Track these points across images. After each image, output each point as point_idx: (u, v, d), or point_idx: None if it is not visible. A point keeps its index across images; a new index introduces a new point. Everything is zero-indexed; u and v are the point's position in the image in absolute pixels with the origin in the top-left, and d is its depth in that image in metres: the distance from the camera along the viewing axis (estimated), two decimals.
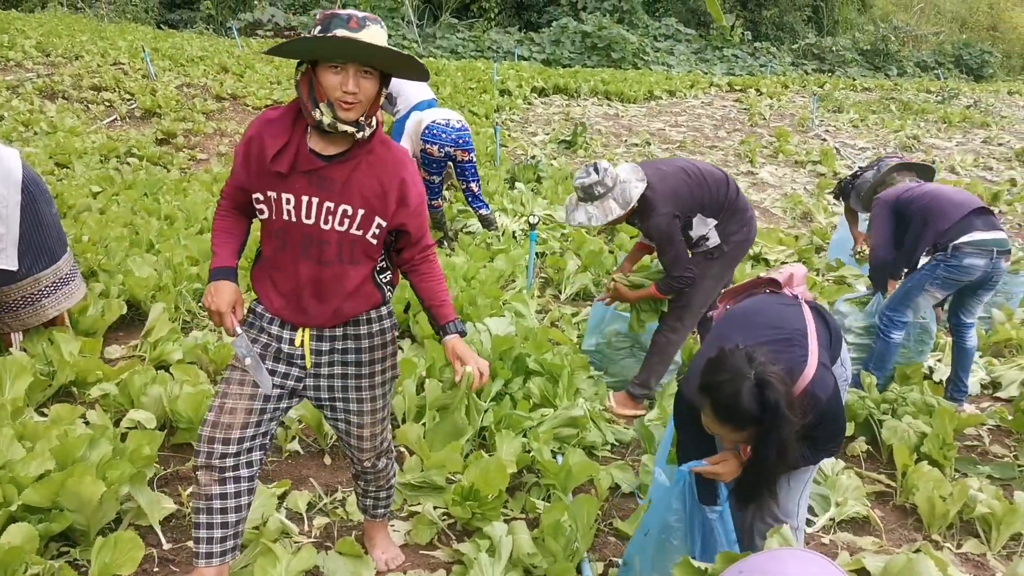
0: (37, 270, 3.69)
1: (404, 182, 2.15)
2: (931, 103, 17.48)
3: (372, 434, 2.45)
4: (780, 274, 2.58)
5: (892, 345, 4.30)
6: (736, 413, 2.05)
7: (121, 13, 21.54)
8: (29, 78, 10.86)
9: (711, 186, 3.85)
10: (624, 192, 3.74)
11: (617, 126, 13.32)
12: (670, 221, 3.71)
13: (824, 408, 2.18)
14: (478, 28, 24.34)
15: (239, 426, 2.21)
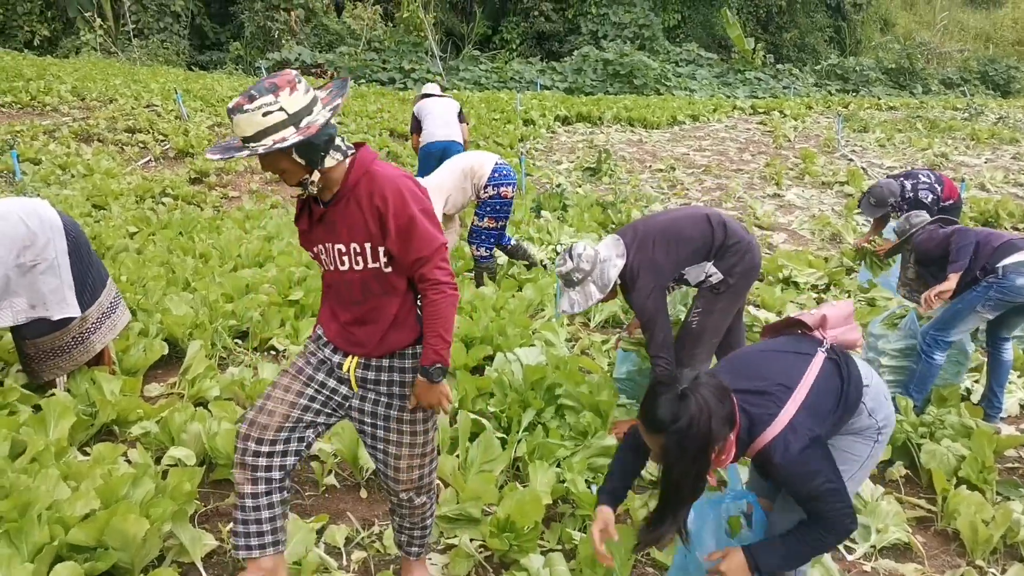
0: (84, 309, 3.82)
1: (378, 208, 2.22)
2: (958, 120, 17.35)
3: (409, 466, 2.48)
4: (812, 316, 2.52)
5: (935, 367, 4.25)
6: (649, 413, 2.11)
7: (153, 56, 22.05)
8: (65, 122, 11.15)
9: (693, 236, 3.79)
10: (603, 273, 3.73)
11: (641, 152, 13.37)
12: (652, 294, 3.70)
13: (778, 471, 2.17)
14: (500, 59, 24.60)
15: (274, 428, 2.34)
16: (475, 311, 5.27)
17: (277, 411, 2.36)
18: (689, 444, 2.05)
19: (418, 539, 2.72)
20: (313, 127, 2.10)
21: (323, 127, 2.13)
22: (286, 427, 2.35)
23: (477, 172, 6.01)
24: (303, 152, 2.15)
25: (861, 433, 2.42)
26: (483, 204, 6.04)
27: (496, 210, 6.05)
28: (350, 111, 14.14)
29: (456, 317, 4.93)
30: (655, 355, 3.74)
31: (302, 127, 2.10)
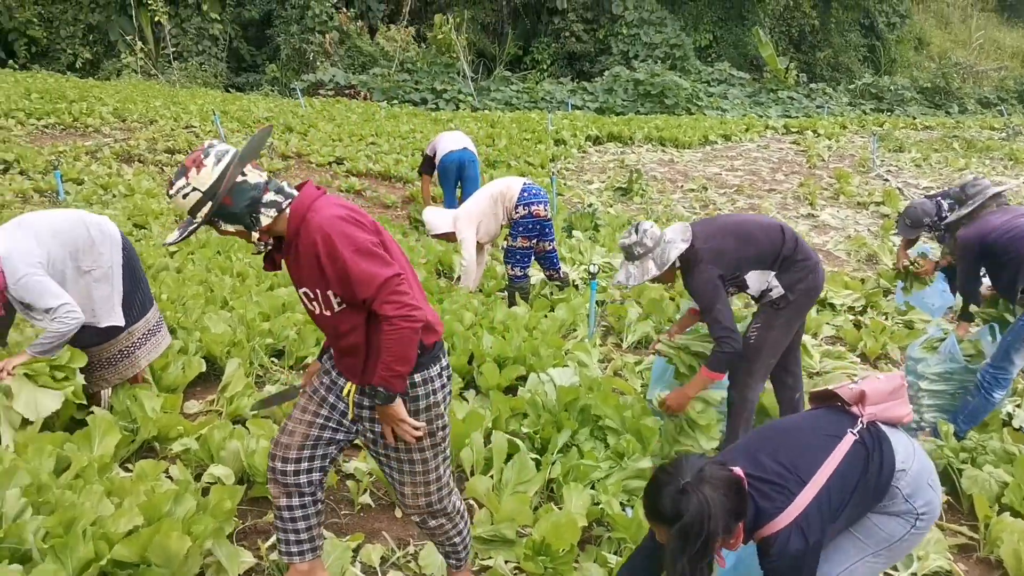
0: (131, 324, 3.91)
1: (316, 256, 2.28)
2: (995, 140, 17.12)
3: (414, 493, 2.56)
4: (850, 392, 2.40)
5: (991, 404, 4.14)
6: (651, 503, 2.14)
7: (192, 78, 22.49)
8: (107, 143, 11.39)
9: (760, 242, 3.78)
10: (664, 252, 3.74)
11: (672, 172, 13.36)
12: (711, 281, 3.66)
13: (770, 563, 2.16)
14: (531, 79, 24.74)
15: (296, 447, 2.53)
16: (508, 331, 5.29)
17: (297, 431, 2.55)
18: (691, 539, 2.04)
19: (452, 553, 2.80)
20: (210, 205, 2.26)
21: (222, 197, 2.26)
22: (307, 445, 2.54)
23: (506, 195, 6.13)
24: (229, 220, 2.31)
25: (899, 516, 2.34)
26: (515, 224, 6.10)
27: (529, 229, 6.10)
28: (383, 132, 14.29)
29: (489, 337, 4.98)
30: (720, 337, 3.63)
31: (218, 199, 2.26)
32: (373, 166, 11.49)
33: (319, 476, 2.59)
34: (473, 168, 8.29)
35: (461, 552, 2.80)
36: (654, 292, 6.39)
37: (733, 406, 3.96)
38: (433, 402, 2.47)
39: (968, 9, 38.25)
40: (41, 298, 3.40)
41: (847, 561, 2.36)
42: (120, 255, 3.84)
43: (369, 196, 10.44)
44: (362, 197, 10.45)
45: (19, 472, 2.86)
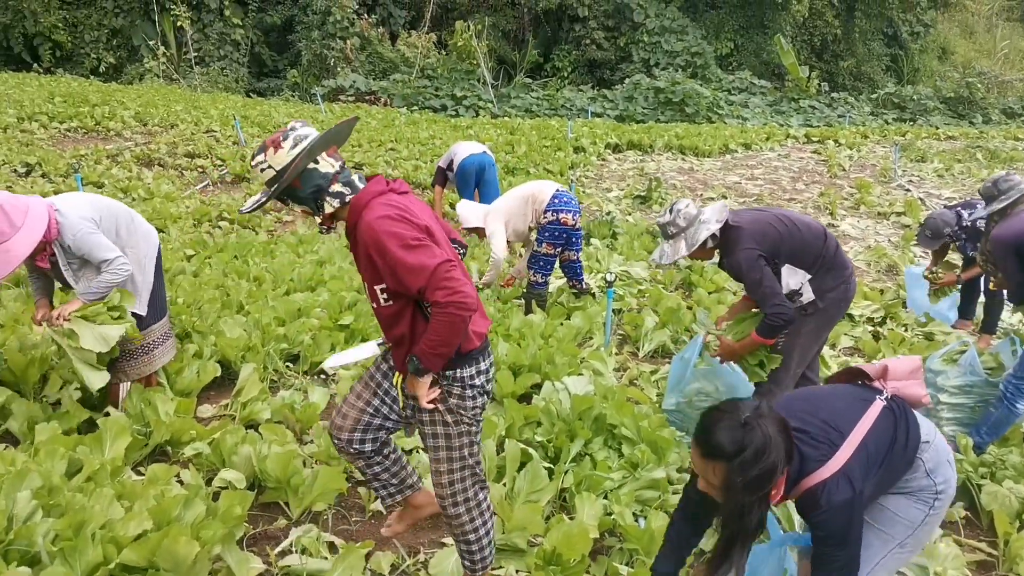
0: (152, 321, 4.01)
1: (369, 255, 2.38)
2: (1020, 151, 16.92)
3: (437, 471, 2.67)
4: (873, 367, 2.46)
5: (1015, 415, 4.06)
6: (711, 439, 2.05)
7: (213, 83, 22.69)
8: (128, 147, 11.50)
9: (804, 236, 3.77)
10: (696, 232, 3.76)
11: (692, 180, 13.29)
12: (753, 257, 3.65)
13: (819, 515, 2.12)
14: (552, 87, 24.76)
15: (348, 429, 2.72)
16: (523, 339, 5.26)
17: (349, 415, 2.72)
18: (754, 475, 2.00)
19: (465, 554, 2.82)
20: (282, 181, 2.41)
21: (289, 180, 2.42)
22: (359, 428, 2.72)
23: (538, 198, 6.13)
24: (297, 201, 2.49)
25: (917, 495, 2.32)
26: (542, 229, 6.10)
27: (555, 236, 6.08)
28: (403, 138, 14.33)
29: (505, 344, 4.96)
30: (772, 308, 3.60)
31: (285, 181, 2.41)
32: (392, 172, 11.52)
33: (377, 444, 2.78)
34: (492, 172, 8.28)
35: (476, 556, 2.80)
36: (671, 301, 6.35)
37: None
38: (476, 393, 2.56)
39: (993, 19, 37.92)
40: (98, 249, 3.64)
41: (876, 556, 2.34)
42: (154, 250, 4.04)
43: None
44: None
45: (31, 474, 2.87)
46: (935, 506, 2.31)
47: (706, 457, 2.07)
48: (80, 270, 3.73)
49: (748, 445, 1.99)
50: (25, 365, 4.02)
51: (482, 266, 7.50)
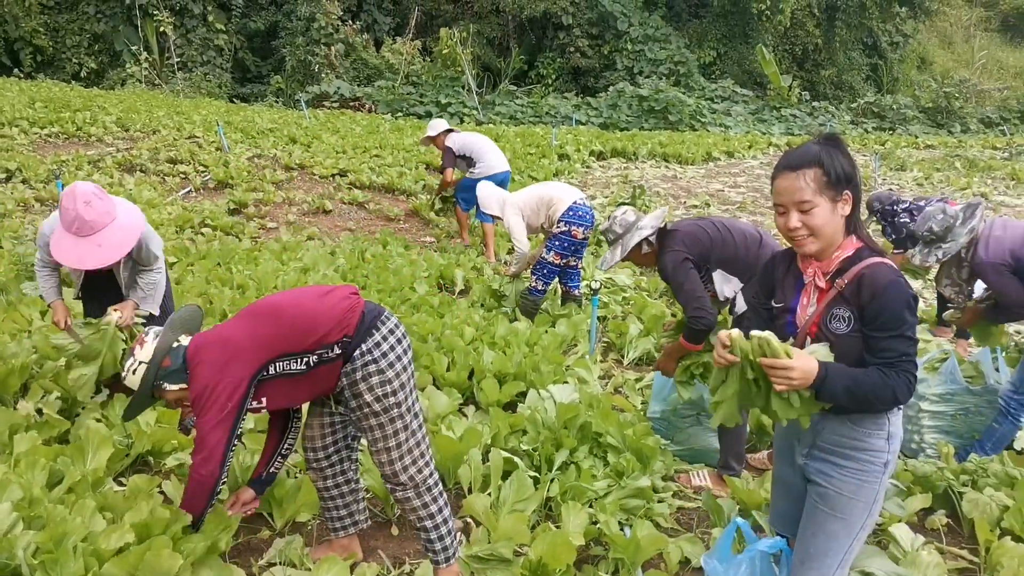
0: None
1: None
2: (998, 160, 17.13)
3: (379, 461, 2.83)
4: None
5: (1018, 428, 4.09)
6: (796, 155, 2.19)
7: (196, 88, 22.57)
8: (109, 152, 11.41)
9: (736, 243, 3.79)
10: (631, 238, 3.87)
11: (676, 188, 13.36)
12: (678, 259, 3.70)
13: (885, 292, 2.13)
14: (536, 94, 24.83)
15: (319, 437, 2.96)
16: (508, 347, 5.26)
17: (314, 423, 2.97)
18: (843, 164, 2.17)
19: (427, 543, 2.93)
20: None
21: (160, 360, 2.68)
22: (327, 432, 2.97)
23: (555, 204, 6.19)
24: (173, 380, 2.69)
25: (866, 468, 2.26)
26: (553, 238, 6.13)
27: (563, 246, 6.12)
28: (387, 144, 14.31)
29: (490, 352, 4.96)
30: (691, 313, 3.62)
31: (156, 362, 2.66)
32: (377, 179, 11.49)
33: (346, 461, 3.05)
34: (507, 185, 8.38)
35: (437, 545, 2.91)
36: (655, 308, 6.37)
37: (721, 427, 3.94)
38: (375, 370, 2.69)
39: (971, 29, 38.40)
40: (154, 245, 3.92)
41: (846, 544, 2.33)
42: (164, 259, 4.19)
43: (372, 208, 10.43)
44: (365, 209, 10.45)
45: (11, 486, 2.83)
46: (882, 480, 2.30)
47: (796, 168, 2.17)
48: (129, 266, 3.93)
49: (835, 138, 2.22)
50: (5, 374, 3.97)
51: (468, 275, 7.50)
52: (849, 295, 2.19)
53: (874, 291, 2.14)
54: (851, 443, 2.26)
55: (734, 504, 3.59)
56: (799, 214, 2.17)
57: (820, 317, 2.23)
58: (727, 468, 3.93)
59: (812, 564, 2.33)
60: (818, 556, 2.32)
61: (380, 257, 7.83)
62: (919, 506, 3.62)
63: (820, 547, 2.32)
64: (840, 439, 2.26)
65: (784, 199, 2.19)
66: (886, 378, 2.12)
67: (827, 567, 2.32)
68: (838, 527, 2.31)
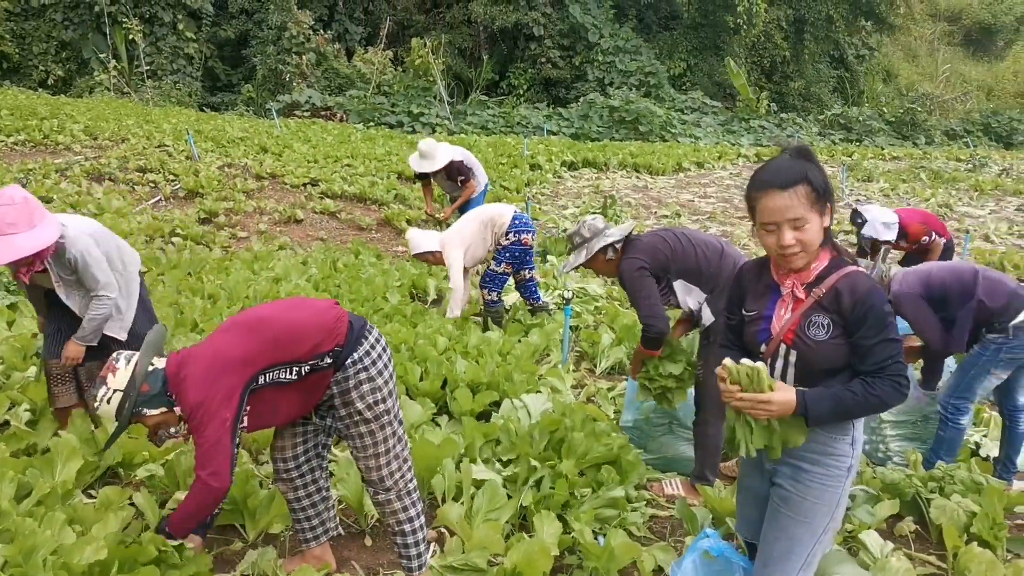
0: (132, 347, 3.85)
1: None
2: (961, 171, 17.47)
3: (366, 467, 2.88)
4: None
5: (961, 430, 4.16)
6: (781, 172, 2.21)
7: (166, 97, 22.35)
8: (77, 161, 11.27)
9: (697, 254, 3.83)
10: (595, 243, 3.94)
11: (646, 198, 13.46)
12: (635, 267, 3.77)
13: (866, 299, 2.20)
14: (508, 104, 24.89)
15: (290, 447, 2.96)
16: (481, 356, 5.27)
17: (286, 433, 2.97)
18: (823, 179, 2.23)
19: (402, 548, 2.98)
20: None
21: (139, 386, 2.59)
22: (299, 443, 2.97)
23: (498, 221, 6.17)
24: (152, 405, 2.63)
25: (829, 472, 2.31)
26: (503, 250, 6.14)
27: (515, 256, 6.15)
28: (359, 154, 14.28)
29: (463, 361, 4.97)
30: (644, 322, 3.75)
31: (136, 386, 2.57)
32: (348, 188, 11.46)
33: (318, 471, 3.06)
34: (482, 197, 8.35)
35: (412, 551, 2.96)
36: (627, 318, 6.41)
37: (696, 439, 3.99)
38: (365, 378, 2.74)
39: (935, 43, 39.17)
40: (96, 269, 3.64)
41: (808, 546, 2.35)
42: (137, 275, 4.00)
43: (344, 218, 10.40)
44: (337, 219, 10.41)
45: None
46: (845, 485, 2.35)
47: (787, 186, 2.19)
48: (72, 288, 3.70)
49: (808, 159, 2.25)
50: None
51: (441, 284, 7.51)
52: (828, 303, 2.24)
53: (856, 298, 2.21)
54: (818, 448, 2.30)
55: (707, 512, 3.62)
56: (792, 231, 2.20)
57: (796, 325, 2.28)
58: (701, 479, 3.96)
59: (775, 568, 2.36)
60: (780, 560, 2.35)
61: (352, 267, 7.81)
62: (888, 513, 3.68)
63: (783, 551, 2.35)
64: (807, 445, 2.29)
65: (776, 217, 2.20)
66: (870, 388, 2.18)
67: (789, 570, 2.35)
68: (801, 531, 2.34)
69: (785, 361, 2.31)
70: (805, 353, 2.26)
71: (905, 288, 4.10)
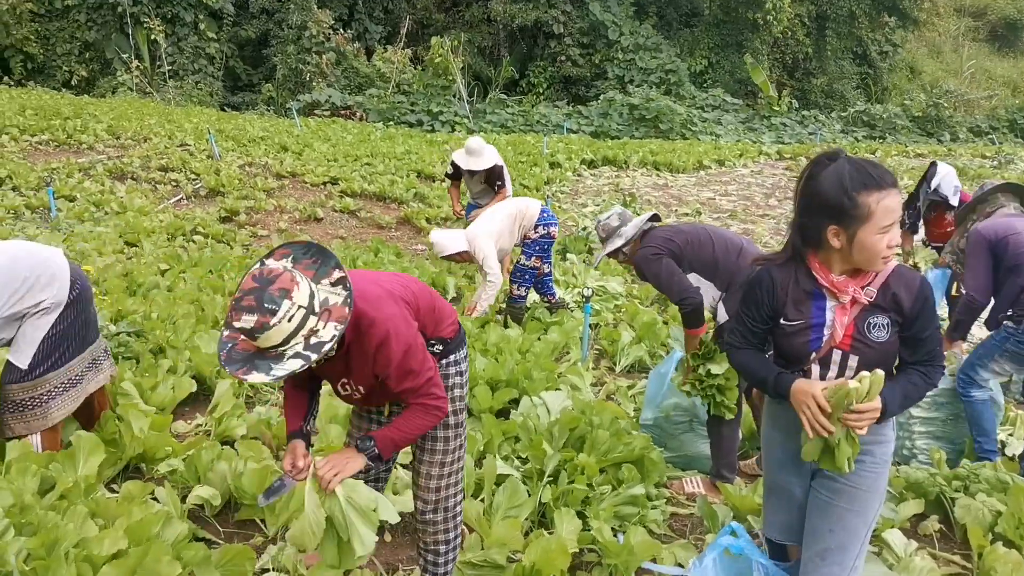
0: (48, 371, 3.44)
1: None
2: (987, 168, 17.24)
3: (428, 474, 2.73)
4: None
5: (977, 403, 4.10)
6: (887, 172, 2.16)
7: (187, 97, 22.54)
8: (100, 160, 11.39)
9: (715, 247, 3.78)
10: (630, 229, 3.98)
11: (667, 196, 13.40)
12: (648, 254, 3.79)
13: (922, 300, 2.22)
14: (527, 103, 24.88)
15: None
16: (500, 354, 5.26)
17: (361, 423, 2.82)
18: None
19: (430, 566, 2.85)
20: (336, 309, 2.20)
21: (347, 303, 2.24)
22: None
23: (527, 215, 6.20)
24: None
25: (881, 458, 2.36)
26: (532, 243, 6.15)
27: (544, 249, 6.23)
28: (379, 152, 14.32)
29: (483, 359, 4.96)
30: (678, 302, 3.72)
31: (319, 311, 2.19)
32: (368, 187, 11.50)
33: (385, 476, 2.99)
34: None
35: (440, 570, 2.85)
36: (647, 316, 6.38)
37: (712, 436, 3.97)
38: (458, 383, 2.68)
39: (959, 39, 38.72)
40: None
41: (860, 539, 2.40)
42: (64, 295, 3.42)
43: (363, 216, 10.43)
44: (356, 217, 10.45)
45: (2, 492, 2.81)
46: (887, 467, 2.40)
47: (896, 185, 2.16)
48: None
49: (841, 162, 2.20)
50: None
51: (460, 283, 7.51)
52: (885, 303, 2.25)
53: (913, 292, 2.23)
54: (868, 438, 2.30)
55: (728, 510, 3.60)
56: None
57: (853, 329, 2.26)
58: (719, 477, 3.94)
59: (834, 559, 2.37)
60: (839, 551, 2.37)
61: (372, 265, 7.83)
62: (912, 512, 3.64)
63: (840, 543, 2.37)
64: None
65: (894, 216, 2.17)
66: (928, 378, 2.28)
67: (849, 559, 2.38)
68: (857, 521, 2.36)
69: (841, 366, 2.30)
70: (868, 356, 2.27)
71: (982, 229, 4.10)
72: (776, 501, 2.58)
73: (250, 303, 2.08)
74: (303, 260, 2.29)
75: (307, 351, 2.15)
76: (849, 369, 2.28)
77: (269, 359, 2.15)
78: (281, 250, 2.31)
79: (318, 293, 2.20)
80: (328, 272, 2.27)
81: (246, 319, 2.08)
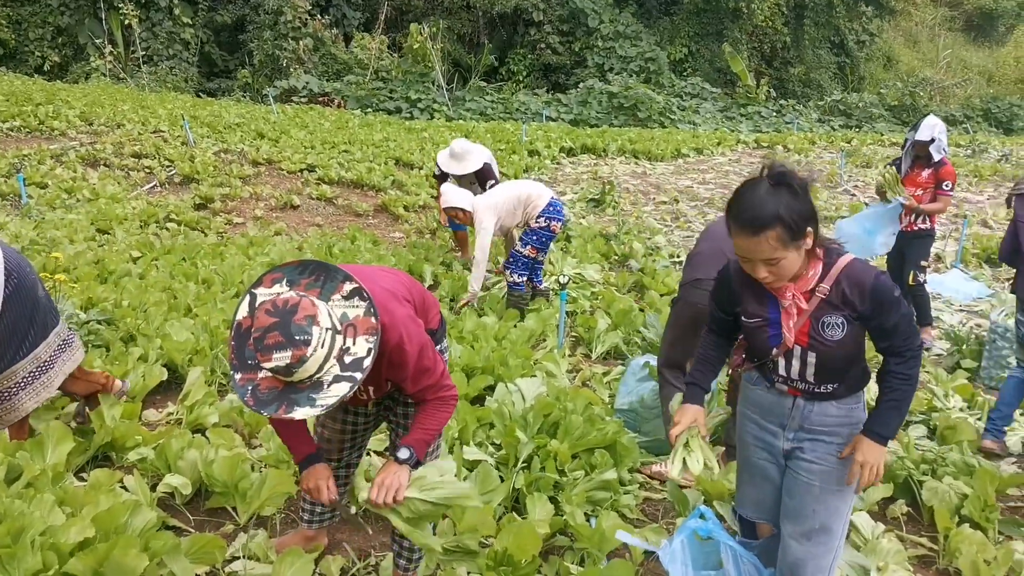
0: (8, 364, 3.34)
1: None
2: (961, 157, 17.40)
3: None
4: None
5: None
6: (753, 211, 2.14)
7: (162, 83, 22.25)
8: (72, 147, 11.22)
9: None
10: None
11: (645, 184, 13.42)
12: None
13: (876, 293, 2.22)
14: (506, 90, 24.80)
15: (336, 449, 2.88)
16: (476, 341, 5.26)
17: (334, 438, 2.88)
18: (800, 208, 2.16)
19: (405, 551, 2.89)
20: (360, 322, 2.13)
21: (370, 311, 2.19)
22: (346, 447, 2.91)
23: (533, 202, 6.15)
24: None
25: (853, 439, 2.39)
26: (531, 232, 6.13)
27: (541, 241, 6.19)
28: (356, 140, 14.22)
29: (458, 346, 4.96)
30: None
31: (340, 328, 2.11)
32: (345, 174, 11.42)
33: (356, 458, 2.99)
34: None
35: (415, 555, 2.89)
36: (623, 303, 6.40)
37: None
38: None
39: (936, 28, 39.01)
40: None
41: (843, 517, 2.48)
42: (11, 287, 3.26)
43: (340, 204, 10.37)
44: (333, 205, 10.38)
45: None
46: None
47: (757, 232, 2.14)
48: None
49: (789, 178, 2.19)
50: None
51: (437, 270, 7.49)
52: (837, 301, 2.26)
53: (865, 294, 2.23)
54: (839, 420, 2.39)
55: (699, 495, 3.62)
56: (766, 267, 2.20)
57: (808, 327, 2.29)
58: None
59: (821, 538, 2.43)
60: (824, 530, 2.43)
61: (348, 252, 7.78)
62: (880, 495, 3.69)
63: (824, 521, 2.43)
64: (827, 419, 2.39)
65: (748, 255, 2.21)
66: (908, 379, 2.29)
67: (835, 538, 2.45)
68: (838, 500, 2.43)
69: (802, 361, 2.34)
70: (825, 352, 2.29)
71: None
72: (749, 478, 2.64)
73: (277, 339, 1.97)
74: (300, 280, 2.18)
75: (347, 371, 2.08)
76: (808, 364, 2.33)
77: (304, 391, 2.05)
78: (271, 275, 2.20)
79: (333, 310, 2.13)
80: (337, 287, 2.17)
81: (279, 356, 1.97)
